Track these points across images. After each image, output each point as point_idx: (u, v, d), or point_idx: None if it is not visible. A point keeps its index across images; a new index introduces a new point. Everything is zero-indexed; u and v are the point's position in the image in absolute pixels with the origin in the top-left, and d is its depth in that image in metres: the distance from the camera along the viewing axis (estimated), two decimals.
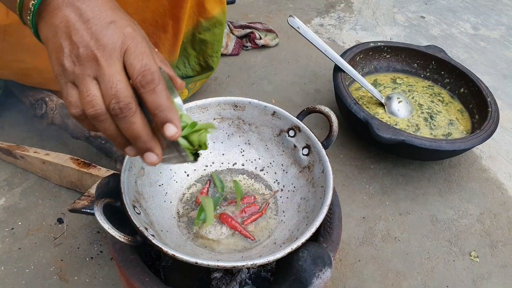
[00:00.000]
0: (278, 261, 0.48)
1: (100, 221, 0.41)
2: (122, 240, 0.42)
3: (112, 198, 0.46)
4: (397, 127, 0.87)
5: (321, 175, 0.52)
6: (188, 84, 0.94)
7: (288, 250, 0.43)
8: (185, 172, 0.59)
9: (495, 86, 1.11)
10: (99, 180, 0.67)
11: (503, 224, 0.79)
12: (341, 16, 1.35)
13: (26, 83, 0.83)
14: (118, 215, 0.47)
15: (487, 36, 1.31)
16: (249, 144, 0.61)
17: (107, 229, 0.41)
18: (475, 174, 0.88)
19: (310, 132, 0.55)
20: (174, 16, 0.79)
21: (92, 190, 0.69)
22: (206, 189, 0.57)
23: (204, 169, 0.60)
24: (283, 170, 0.58)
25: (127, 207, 0.44)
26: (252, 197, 0.57)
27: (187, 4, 0.78)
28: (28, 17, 0.36)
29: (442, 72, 0.98)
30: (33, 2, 0.35)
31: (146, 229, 0.44)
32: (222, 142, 0.62)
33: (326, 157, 0.52)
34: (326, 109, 0.55)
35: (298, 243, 0.43)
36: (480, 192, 0.84)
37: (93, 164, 0.76)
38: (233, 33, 1.15)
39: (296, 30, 0.83)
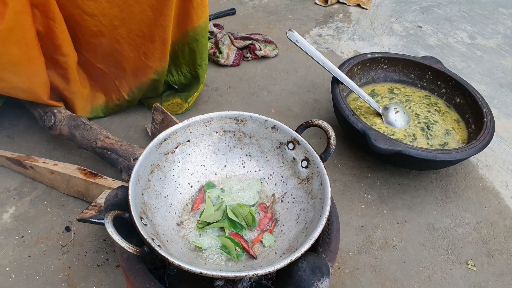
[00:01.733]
0: (279, 270, 0.50)
1: (110, 233, 0.43)
2: (131, 251, 0.44)
3: (120, 210, 0.48)
4: (394, 137, 0.89)
5: (319, 187, 0.54)
6: (187, 99, 0.97)
7: (288, 261, 0.45)
8: (189, 183, 0.62)
9: (492, 95, 1.14)
10: (108, 192, 0.69)
11: (499, 233, 0.81)
12: (339, 26, 1.38)
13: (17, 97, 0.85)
14: (125, 225, 0.49)
15: (483, 45, 1.34)
16: (250, 156, 0.64)
17: (117, 240, 0.43)
18: (471, 183, 0.90)
19: (309, 145, 0.58)
20: (160, 25, 0.82)
21: (99, 200, 0.71)
22: (200, 197, 0.60)
23: (207, 181, 0.63)
24: (283, 182, 0.60)
25: (135, 219, 0.47)
26: (264, 206, 0.59)
27: (171, 12, 0.81)
28: None
29: (439, 82, 1.01)
30: None
31: (153, 239, 0.47)
32: (224, 154, 0.64)
33: (324, 170, 0.55)
34: (324, 124, 0.57)
35: (298, 254, 0.46)
36: (477, 201, 0.86)
37: (99, 174, 0.78)
38: (234, 45, 1.18)
39: (295, 44, 0.85)
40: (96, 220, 0.66)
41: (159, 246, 0.46)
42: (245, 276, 0.44)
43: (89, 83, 0.93)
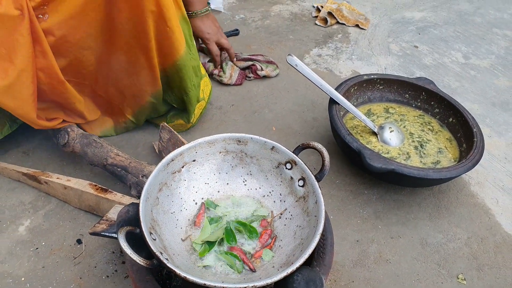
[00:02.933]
0: (276, 283, 0.54)
1: (123, 247, 0.48)
2: (142, 264, 0.49)
3: (132, 225, 0.53)
4: (389, 155, 0.94)
5: (314, 205, 0.59)
6: (189, 120, 1.02)
7: (284, 274, 0.49)
8: (193, 200, 0.66)
9: (484, 114, 1.18)
10: (117, 207, 0.74)
11: (489, 248, 0.84)
12: (338, 46, 1.44)
13: None
14: (135, 240, 0.54)
15: (477, 65, 1.39)
16: (250, 174, 0.69)
17: (129, 254, 0.48)
18: (463, 199, 0.94)
19: (305, 166, 0.62)
20: (145, 54, 0.87)
21: (110, 215, 0.76)
22: (201, 213, 0.64)
23: (211, 198, 0.67)
24: (281, 200, 0.65)
25: (145, 235, 0.51)
26: (266, 222, 0.63)
27: (151, 44, 0.84)
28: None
29: (432, 102, 1.05)
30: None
31: (161, 253, 0.51)
32: (226, 173, 0.69)
33: (319, 190, 0.59)
34: (319, 146, 0.62)
35: (293, 267, 0.50)
36: (468, 217, 0.90)
37: (110, 189, 0.83)
38: (236, 65, 1.23)
39: (294, 68, 0.91)
40: (107, 234, 0.71)
41: (166, 259, 0.51)
42: (245, 287, 0.48)
43: (100, 110, 1.00)
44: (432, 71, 1.35)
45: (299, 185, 0.63)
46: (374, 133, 0.99)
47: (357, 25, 1.54)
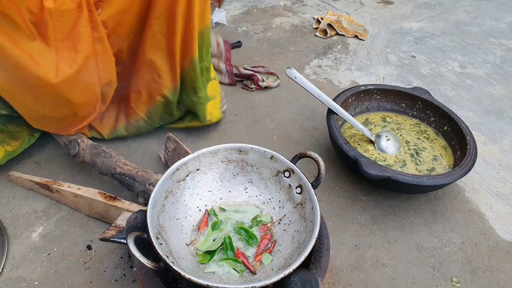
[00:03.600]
0: (274, 284, 0.58)
1: (133, 251, 0.52)
2: (150, 266, 0.52)
3: (140, 231, 0.57)
4: (386, 163, 0.97)
5: (311, 211, 0.63)
6: (204, 119, 1.08)
7: (281, 275, 0.53)
8: (197, 207, 0.70)
9: (480, 122, 1.22)
10: (125, 214, 0.78)
11: (483, 252, 0.87)
12: (337, 57, 1.48)
13: None
14: (143, 244, 0.58)
15: (473, 74, 1.42)
16: (251, 182, 0.72)
17: (138, 257, 0.52)
18: (458, 205, 0.97)
19: (302, 174, 0.66)
20: (171, 49, 0.95)
21: (118, 221, 0.80)
22: (205, 220, 0.68)
23: (214, 204, 0.71)
24: (280, 206, 0.69)
25: (152, 239, 0.55)
26: (266, 227, 0.67)
27: (178, 40, 0.93)
28: None
29: (428, 111, 1.09)
30: None
31: (167, 256, 0.55)
32: (229, 181, 0.73)
33: (315, 197, 0.63)
34: (315, 155, 0.66)
35: (290, 269, 0.54)
36: (463, 222, 0.93)
37: (118, 197, 0.87)
38: (239, 70, 1.29)
39: (294, 80, 0.95)
40: (116, 239, 0.75)
41: (172, 262, 0.55)
42: (245, 287, 0.52)
43: (115, 106, 1.05)
44: (429, 80, 1.39)
45: (296, 192, 0.67)
46: (372, 142, 1.02)
47: (356, 36, 1.59)
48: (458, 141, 1.00)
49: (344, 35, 1.59)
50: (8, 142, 0.96)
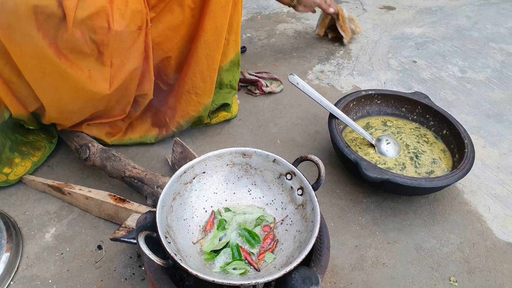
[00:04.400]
0: (277, 281, 0.61)
1: (143, 248, 0.55)
2: (159, 263, 0.56)
3: (150, 230, 0.60)
4: (386, 166, 1.00)
5: (311, 212, 0.66)
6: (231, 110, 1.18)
7: (283, 272, 0.56)
8: (203, 208, 0.74)
9: (479, 126, 1.24)
10: (135, 215, 0.82)
11: (481, 252, 0.90)
12: (340, 62, 1.51)
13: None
14: (151, 243, 0.61)
15: (473, 79, 1.45)
16: (255, 184, 0.76)
17: (148, 254, 0.55)
18: (457, 207, 1.00)
19: (303, 176, 0.69)
20: (212, 68, 1.02)
21: (128, 222, 0.83)
22: (211, 221, 0.71)
23: (219, 206, 0.75)
24: (282, 208, 0.72)
25: (161, 238, 0.59)
26: (268, 227, 0.70)
27: (219, 56, 1.01)
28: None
29: (427, 116, 1.12)
30: None
31: (175, 254, 0.58)
32: (233, 183, 0.76)
33: (315, 198, 0.66)
34: (316, 158, 0.69)
35: (291, 266, 0.57)
36: (461, 223, 0.96)
37: (127, 199, 0.91)
38: (244, 76, 1.33)
39: (296, 86, 0.98)
40: (126, 239, 0.78)
41: (180, 259, 0.58)
42: (249, 284, 0.55)
43: (150, 117, 1.12)
44: (429, 85, 1.42)
45: (298, 194, 0.70)
46: (372, 145, 1.05)
47: (352, 32, 1.58)
48: (457, 145, 1.03)
49: (343, 37, 1.59)
50: (32, 154, 1.02)
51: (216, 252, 0.67)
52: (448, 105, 1.31)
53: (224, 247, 0.68)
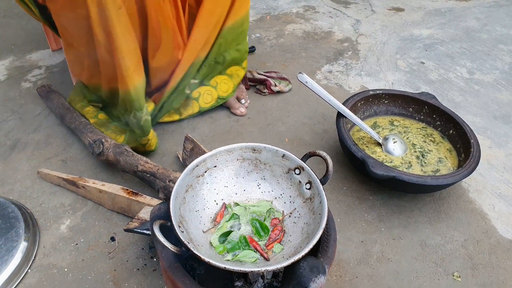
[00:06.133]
0: (285, 270, 0.63)
1: (158, 236, 0.58)
2: (173, 250, 0.58)
3: (164, 220, 0.63)
4: (392, 164, 1.02)
5: (319, 205, 0.68)
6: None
7: (291, 260, 0.58)
8: (214, 201, 0.76)
9: (486, 127, 1.25)
10: (147, 208, 0.85)
11: (484, 249, 0.91)
12: (348, 63, 1.53)
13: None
14: (165, 234, 0.64)
15: (481, 80, 1.46)
16: (264, 179, 0.78)
17: (162, 241, 0.58)
18: (462, 205, 1.01)
19: (311, 171, 0.72)
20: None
21: (141, 215, 0.86)
22: (222, 212, 0.74)
23: (230, 199, 0.77)
24: (291, 201, 0.74)
25: (175, 227, 0.61)
26: (277, 220, 0.73)
27: None
28: None
29: (434, 116, 1.13)
30: None
31: (188, 242, 0.61)
32: (243, 177, 0.79)
33: (323, 192, 0.68)
34: (324, 154, 0.71)
35: (299, 255, 0.59)
36: (466, 221, 0.97)
37: (140, 193, 0.94)
38: (253, 75, 1.35)
39: (305, 85, 1.00)
40: (139, 230, 0.81)
41: (193, 248, 0.60)
42: (259, 271, 0.57)
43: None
44: (437, 86, 1.43)
45: (306, 188, 0.72)
46: (379, 144, 1.07)
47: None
48: (463, 144, 1.04)
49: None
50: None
51: (225, 235, 0.70)
52: (455, 106, 1.33)
53: (231, 232, 0.70)
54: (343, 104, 1.07)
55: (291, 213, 0.74)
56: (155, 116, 1.15)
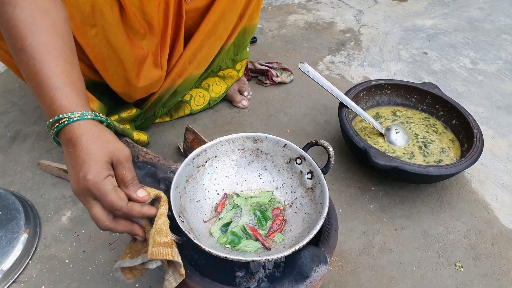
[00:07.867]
0: (286, 260, 0.63)
1: None
2: (174, 239, 0.58)
3: None
4: (394, 154, 1.01)
5: (320, 195, 0.67)
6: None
7: (292, 250, 0.58)
8: (215, 191, 0.76)
9: (489, 117, 1.24)
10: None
11: (487, 240, 0.91)
12: (350, 53, 1.52)
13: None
14: None
15: (484, 70, 1.44)
16: (265, 169, 0.78)
17: None
18: (465, 195, 1.00)
19: (313, 161, 0.71)
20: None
21: None
22: (223, 202, 0.74)
23: (231, 189, 0.77)
24: (292, 191, 0.74)
25: (176, 217, 0.61)
26: (278, 210, 0.72)
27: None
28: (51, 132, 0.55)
29: (437, 106, 1.12)
30: (57, 125, 0.53)
31: (189, 232, 0.61)
32: (244, 168, 0.78)
33: (325, 181, 0.68)
34: (325, 143, 0.70)
35: (300, 245, 0.59)
36: (468, 211, 0.97)
37: (141, 184, 0.94)
38: (254, 66, 1.34)
39: (306, 74, 0.99)
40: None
41: (194, 237, 0.60)
42: (260, 260, 0.57)
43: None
44: (440, 76, 1.41)
45: (307, 178, 0.72)
46: (381, 134, 1.06)
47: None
48: (466, 134, 1.04)
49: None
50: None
51: (226, 230, 0.69)
52: (458, 96, 1.31)
53: (230, 222, 0.70)
54: (345, 94, 1.05)
55: (292, 203, 0.73)
56: (146, 119, 1.13)
